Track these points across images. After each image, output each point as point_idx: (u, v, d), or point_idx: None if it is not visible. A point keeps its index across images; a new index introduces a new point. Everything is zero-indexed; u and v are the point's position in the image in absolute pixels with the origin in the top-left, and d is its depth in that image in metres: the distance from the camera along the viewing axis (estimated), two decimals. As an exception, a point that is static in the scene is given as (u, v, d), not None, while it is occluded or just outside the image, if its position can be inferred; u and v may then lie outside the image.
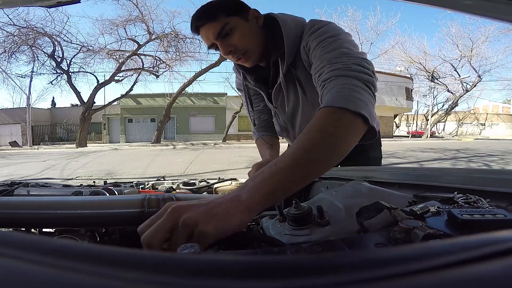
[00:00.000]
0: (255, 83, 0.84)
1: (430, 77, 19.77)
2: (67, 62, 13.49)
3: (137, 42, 13.65)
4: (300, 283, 0.13)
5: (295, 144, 0.41)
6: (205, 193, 0.90)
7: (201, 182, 0.94)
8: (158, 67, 14.64)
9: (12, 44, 12.00)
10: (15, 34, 11.71)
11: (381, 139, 1.17)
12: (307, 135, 0.41)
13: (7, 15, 10.80)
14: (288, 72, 0.75)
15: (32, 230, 0.53)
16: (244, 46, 0.69)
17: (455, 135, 21.43)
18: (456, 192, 0.43)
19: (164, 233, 0.32)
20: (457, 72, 19.48)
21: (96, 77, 14.07)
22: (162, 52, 14.27)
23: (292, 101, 0.82)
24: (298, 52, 0.71)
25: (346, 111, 0.43)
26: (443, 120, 21.72)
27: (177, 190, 0.88)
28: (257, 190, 0.36)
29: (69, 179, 4.47)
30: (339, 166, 1.13)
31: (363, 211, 0.43)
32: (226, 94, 18.35)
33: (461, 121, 23.49)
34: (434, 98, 21.46)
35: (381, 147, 1.15)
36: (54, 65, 13.22)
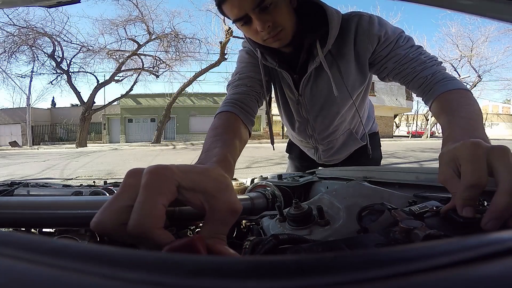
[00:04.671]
0: (278, 65, 0.77)
1: (430, 77, 19.72)
2: (67, 62, 13.53)
3: (137, 42, 13.67)
4: (300, 283, 0.13)
5: (468, 109, 0.52)
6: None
7: (201, 182, 0.94)
8: (158, 67, 14.66)
9: (12, 44, 12.00)
10: (15, 34, 11.72)
11: (381, 139, 1.17)
12: (469, 105, 0.54)
13: (7, 15, 10.81)
14: (326, 58, 0.71)
15: (32, 230, 0.53)
16: (282, 23, 0.64)
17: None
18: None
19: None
20: (457, 72, 19.47)
21: (96, 77, 14.09)
22: (162, 52, 14.31)
23: (323, 90, 0.78)
24: (343, 40, 0.70)
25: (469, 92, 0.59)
26: (443, 120, 21.65)
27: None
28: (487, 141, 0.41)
29: (69, 179, 4.47)
30: (339, 166, 1.13)
31: (363, 211, 0.43)
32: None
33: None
34: (434, 98, 21.38)
35: (381, 148, 1.15)
36: (54, 65, 13.23)
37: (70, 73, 13.56)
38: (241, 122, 0.64)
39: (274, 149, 0.93)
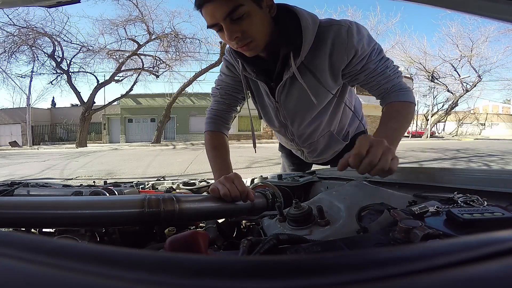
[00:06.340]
0: (256, 75, 0.80)
1: (430, 77, 19.75)
2: (67, 62, 13.49)
3: (137, 42, 13.64)
4: (300, 283, 0.13)
5: (399, 121, 0.71)
6: (205, 193, 0.90)
7: (201, 182, 0.94)
8: (158, 67, 14.64)
9: (12, 44, 11.98)
10: (15, 34, 11.70)
11: (381, 139, 1.17)
12: (404, 117, 0.73)
13: (7, 15, 10.80)
14: (299, 68, 0.74)
15: (32, 230, 0.53)
16: (252, 34, 0.64)
17: (455, 135, 21.40)
18: (456, 192, 0.43)
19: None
20: (457, 72, 19.47)
21: (96, 77, 14.07)
22: (162, 52, 14.27)
23: (297, 97, 0.82)
24: (318, 50, 0.72)
25: (413, 104, 0.77)
26: (443, 120, 21.70)
27: (177, 190, 0.88)
28: (393, 145, 0.62)
29: (69, 179, 4.47)
30: (334, 166, 1.13)
31: (363, 211, 0.43)
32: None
33: (461, 121, 23.44)
34: (434, 98, 21.50)
35: None
36: (54, 65, 13.21)
37: (70, 73, 13.52)
38: (224, 134, 0.93)
39: (256, 152, 1.08)
